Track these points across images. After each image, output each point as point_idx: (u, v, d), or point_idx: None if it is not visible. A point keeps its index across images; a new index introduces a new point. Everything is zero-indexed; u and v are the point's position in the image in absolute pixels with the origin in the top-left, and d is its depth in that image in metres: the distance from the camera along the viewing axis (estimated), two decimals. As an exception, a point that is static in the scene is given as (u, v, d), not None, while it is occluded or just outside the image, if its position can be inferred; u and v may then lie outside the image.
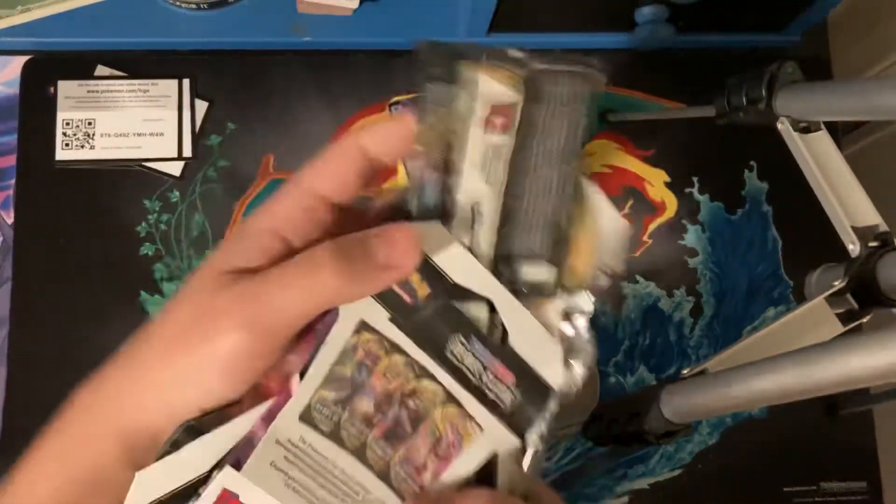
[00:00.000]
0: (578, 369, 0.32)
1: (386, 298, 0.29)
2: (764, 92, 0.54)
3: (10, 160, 0.69)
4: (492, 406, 0.30)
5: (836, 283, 0.48)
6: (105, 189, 0.69)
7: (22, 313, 0.67)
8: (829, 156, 0.52)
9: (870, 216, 0.50)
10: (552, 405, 0.32)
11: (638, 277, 0.72)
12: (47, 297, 0.67)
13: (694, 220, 0.74)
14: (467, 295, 0.30)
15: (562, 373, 0.32)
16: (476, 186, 0.31)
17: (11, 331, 0.66)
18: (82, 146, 0.69)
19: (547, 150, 0.31)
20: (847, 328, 0.48)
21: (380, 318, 0.29)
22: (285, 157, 0.71)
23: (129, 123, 0.69)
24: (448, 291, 0.30)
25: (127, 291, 0.67)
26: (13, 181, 0.69)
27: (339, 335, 0.28)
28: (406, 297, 0.29)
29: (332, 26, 0.71)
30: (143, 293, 0.67)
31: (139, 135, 0.69)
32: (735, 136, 0.72)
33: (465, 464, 0.30)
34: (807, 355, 0.39)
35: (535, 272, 0.32)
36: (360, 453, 0.29)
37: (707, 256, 0.73)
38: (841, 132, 0.77)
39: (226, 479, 0.27)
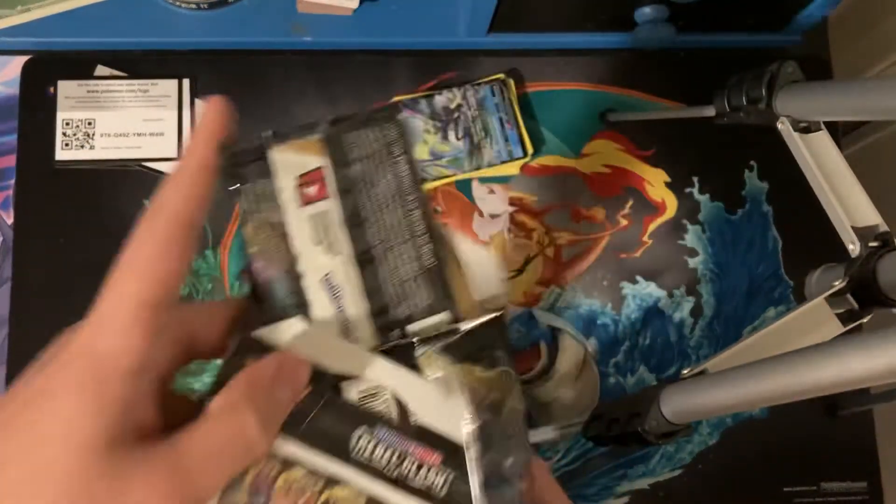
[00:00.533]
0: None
1: None
2: (764, 92, 0.54)
3: (10, 160, 0.69)
4: (423, 495, 0.27)
5: (837, 283, 0.48)
6: (105, 189, 0.69)
7: (22, 313, 0.67)
8: (829, 156, 0.52)
9: (870, 216, 0.50)
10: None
11: (638, 277, 0.72)
12: (47, 298, 0.67)
13: (694, 220, 0.73)
14: (355, 383, 0.28)
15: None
16: (319, 261, 0.29)
17: (11, 331, 0.66)
18: (82, 146, 0.69)
19: (379, 198, 0.30)
20: (847, 328, 0.48)
21: None
22: (285, 157, 0.71)
23: (129, 123, 0.69)
24: (331, 385, 0.27)
25: (127, 291, 0.67)
26: (13, 181, 0.69)
27: None
28: None
29: (332, 26, 0.71)
30: (142, 293, 0.67)
31: (139, 135, 0.69)
32: (735, 136, 0.72)
33: None
34: (807, 355, 0.39)
35: (429, 323, 0.30)
36: None
37: (707, 256, 0.73)
38: (841, 132, 0.77)
39: None
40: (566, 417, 0.66)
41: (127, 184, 0.69)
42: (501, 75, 0.72)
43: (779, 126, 0.54)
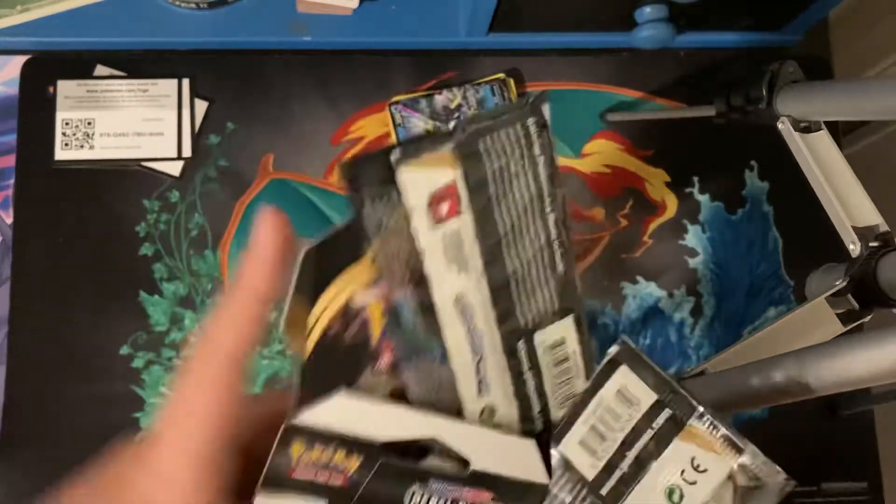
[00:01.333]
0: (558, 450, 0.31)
1: (315, 490, 0.27)
2: (764, 91, 0.54)
3: (10, 160, 0.69)
4: None
5: (837, 283, 0.48)
6: (104, 189, 0.69)
7: (21, 313, 0.66)
8: (829, 155, 0.52)
9: (870, 216, 0.50)
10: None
11: (638, 277, 0.72)
12: (47, 297, 0.67)
13: (694, 220, 0.73)
14: (406, 443, 0.28)
15: (543, 467, 0.30)
16: (451, 283, 0.28)
17: (11, 331, 0.66)
18: (81, 146, 0.68)
19: (517, 206, 0.29)
20: (848, 328, 0.48)
21: None
22: (285, 156, 0.71)
23: (129, 123, 0.69)
24: (380, 452, 0.28)
25: (126, 291, 0.67)
26: (12, 181, 0.69)
27: None
28: (338, 480, 0.27)
29: (332, 26, 0.71)
30: (142, 293, 0.67)
31: (138, 134, 0.69)
32: (735, 136, 0.72)
33: None
34: (807, 355, 0.39)
35: (552, 333, 0.30)
36: None
37: (707, 256, 0.73)
38: (841, 132, 0.77)
39: None
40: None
41: (126, 183, 0.69)
42: (501, 75, 0.72)
43: (779, 126, 0.54)
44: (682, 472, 0.29)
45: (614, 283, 0.72)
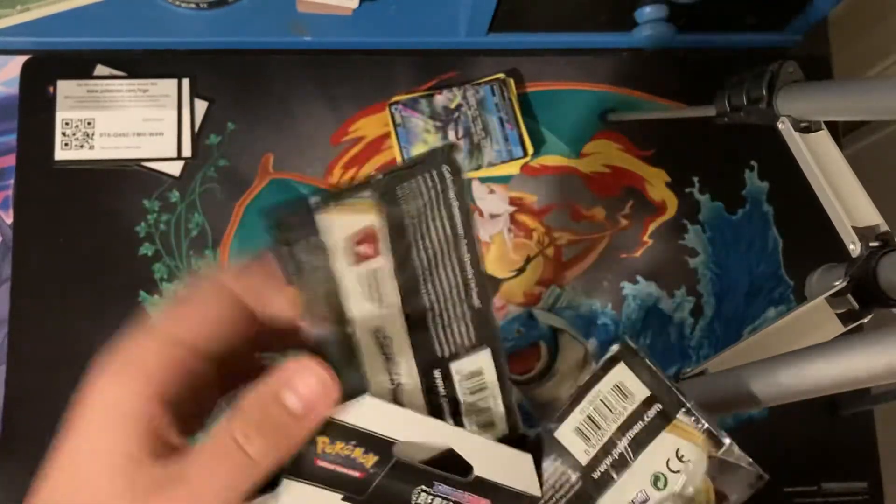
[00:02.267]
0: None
1: (333, 481, 0.29)
2: (765, 91, 0.54)
3: (10, 160, 0.69)
4: None
5: (837, 283, 0.48)
6: (104, 189, 0.69)
7: (21, 313, 0.67)
8: (829, 155, 0.52)
9: (870, 216, 0.50)
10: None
11: (638, 278, 0.72)
12: (47, 297, 0.67)
13: (694, 220, 0.73)
14: (418, 446, 0.30)
15: (537, 481, 0.32)
16: (371, 317, 0.30)
17: (11, 331, 0.66)
18: (81, 146, 0.69)
19: (433, 246, 0.31)
20: (848, 328, 0.48)
21: (332, 501, 0.29)
22: (285, 156, 0.71)
23: (129, 123, 0.69)
24: (394, 452, 0.30)
25: (126, 291, 0.67)
26: (12, 181, 0.69)
27: None
28: (355, 473, 0.30)
29: (332, 26, 0.71)
30: (142, 293, 0.67)
31: (138, 134, 0.69)
32: (735, 136, 0.72)
33: None
34: (807, 355, 0.39)
35: (469, 363, 0.32)
36: None
37: (707, 256, 0.73)
38: (841, 132, 0.77)
39: None
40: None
41: (126, 183, 0.69)
42: (501, 75, 0.72)
43: (779, 126, 0.54)
44: (668, 461, 0.32)
45: (614, 283, 0.72)
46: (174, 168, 0.69)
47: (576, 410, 0.32)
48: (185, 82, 0.71)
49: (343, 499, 0.29)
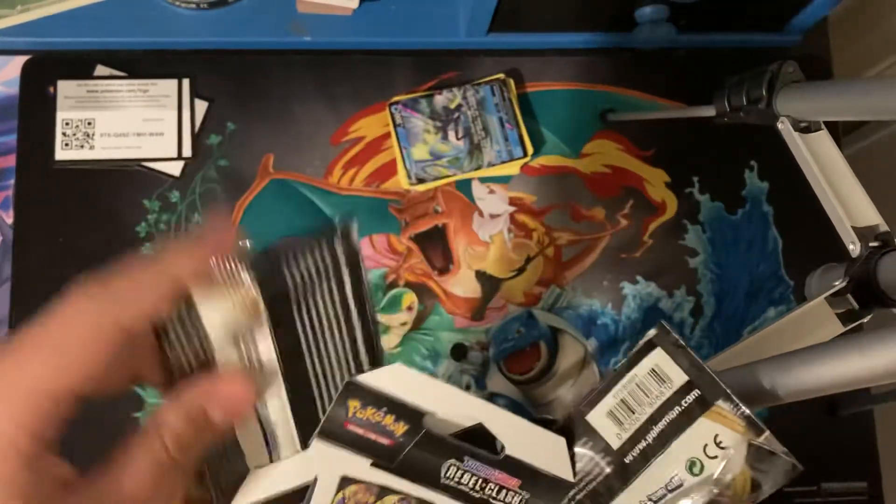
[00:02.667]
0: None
1: (363, 447, 0.29)
2: (764, 92, 0.54)
3: (10, 160, 0.69)
4: None
5: (837, 283, 0.48)
6: (105, 189, 0.69)
7: (21, 313, 0.67)
8: (829, 156, 0.52)
9: (870, 216, 0.50)
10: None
11: (638, 278, 0.72)
12: (47, 297, 0.66)
13: (694, 220, 0.73)
14: (450, 419, 0.31)
15: (570, 466, 0.32)
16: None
17: (11, 331, 0.66)
18: (82, 146, 0.69)
19: (315, 320, 0.32)
20: (847, 328, 0.48)
21: (362, 467, 0.29)
22: (285, 156, 0.71)
23: (129, 123, 0.69)
24: (424, 422, 0.30)
25: (126, 291, 0.67)
26: (13, 181, 0.69)
27: (322, 496, 0.29)
28: (385, 441, 0.30)
29: (332, 26, 0.71)
30: (142, 293, 0.67)
31: (139, 134, 0.69)
32: (735, 136, 0.72)
33: None
34: (807, 355, 0.39)
35: None
36: None
37: (707, 256, 0.73)
38: (841, 132, 0.77)
39: None
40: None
41: (127, 183, 0.69)
42: (501, 75, 0.72)
43: (779, 126, 0.54)
44: (705, 446, 0.32)
45: (614, 283, 0.72)
46: (174, 168, 0.70)
47: (609, 394, 0.32)
48: (186, 82, 0.71)
49: (372, 465, 0.30)
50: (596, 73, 0.75)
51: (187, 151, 0.70)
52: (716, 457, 0.32)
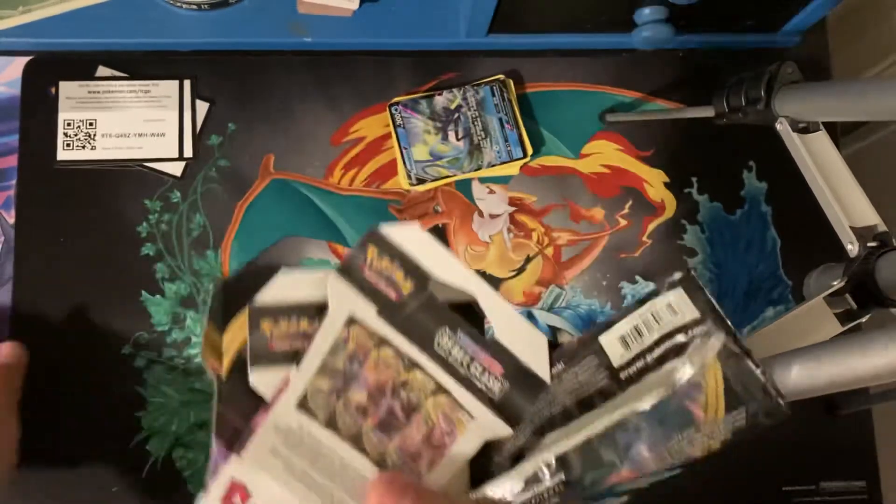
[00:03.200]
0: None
1: (373, 294, 0.31)
2: (763, 92, 0.54)
3: (12, 160, 0.69)
4: (481, 395, 0.31)
5: (835, 283, 0.48)
6: (106, 189, 0.69)
7: (23, 313, 0.67)
8: (827, 156, 0.53)
9: (868, 216, 0.50)
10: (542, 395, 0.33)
11: (637, 277, 0.72)
12: (48, 297, 0.67)
13: (693, 220, 0.74)
14: (452, 290, 0.32)
15: (548, 367, 0.33)
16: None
17: (13, 331, 0.66)
18: (83, 146, 0.69)
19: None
20: (846, 328, 0.49)
21: (368, 312, 0.31)
22: (285, 156, 0.71)
23: (130, 124, 0.70)
24: (429, 285, 0.32)
25: (128, 291, 0.67)
26: (14, 181, 0.69)
27: (330, 328, 0.30)
28: (392, 294, 0.31)
29: (332, 27, 0.72)
30: (144, 293, 0.68)
31: (140, 135, 0.70)
32: (734, 137, 0.72)
33: (460, 451, 0.31)
34: (805, 355, 0.39)
35: None
36: (356, 441, 0.30)
37: (706, 256, 0.73)
38: (840, 132, 0.77)
39: (231, 467, 0.28)
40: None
41: (128, 184, 0.69)
42: (501, 76, 0.72)
43: (778, 126, 0.54)
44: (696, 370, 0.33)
45: (613, 283, 0.72)
46: (176, 168, 0.70)
47: (624, 320, 0.33)
48: (187, 83, 0.71)
49: (377, 313, 0.31)
50: (595, 74, 0.75)
51: (188, 152, 0.70)
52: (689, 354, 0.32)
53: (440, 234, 0.71)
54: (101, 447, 0.65)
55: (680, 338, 0.33)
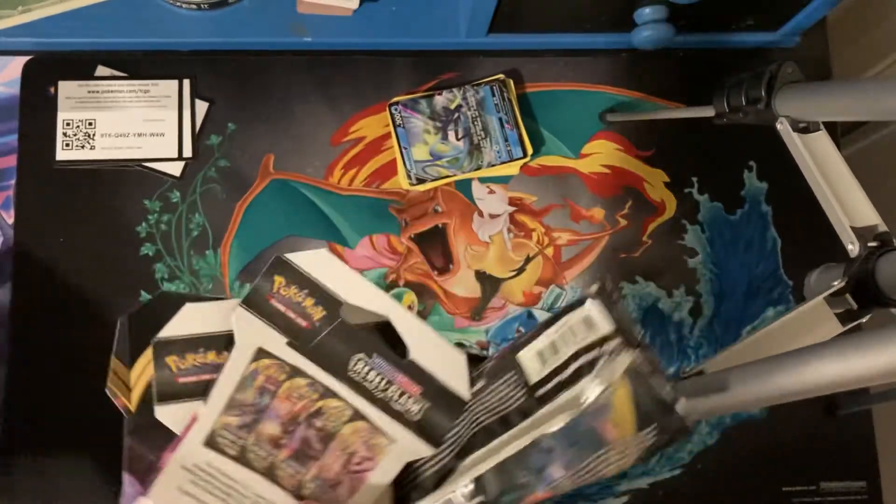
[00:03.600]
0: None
1: (282, 325, 0.30)
2: (763, 92, 0.54)
3: (11, 160, 0.69)
4: (400, 418, 0.31)
5: (836, 283, 0.48)
6: (105, 189, 0.69)
7: (22, 313, 0.67)
8: (828, 156, 0.53)
9: (869, 216, 0.50)
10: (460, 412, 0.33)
11: (637, 277, 0.72)
12: (47, 298, 0.67)
13: (693, 220, 0.74)
14: (366, 312, 0.32)
15: (468, 384, 0.33)
16: None
17: (11, 331, 0.66)
18: (83, 146, 0.69)
19: None
20: (846, 328, 0.49)
21: (278, 343, 0.30)
22: (285, 156, 0.71)
23: (130, 124, 0.69)
24: (340, 311, 0.31)
25: (127, 292, 0.67)
26: (13, 181, 0.69)
27: (237, 364, 0.30)
28: (302, 322, 0.31)
29: (332, 26, 0.71)
30: (143, 293, 0.68)
31: (139, 135, 0.70)
32: (734, 137, 0.72)
33: (381, 475, 0.30)
34: (806, 355, 0.39)
35: None
36: (270, 474, 0.30)
37: (706, 256, 0.73)
38: (840, 132, 0.77)
39: None
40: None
41: (127, 184, 0.69)
42: (501, 76, 0.72)
43: (778, 126, 0.54)
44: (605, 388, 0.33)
45: (613, 283, 0.72)
46: (175, 168, 0.70)
47: (542, 336, 0.33)
48: (186, 83, 0.71)
49: (287, 343, 0.30)
50: (595, 74, 0.75)
51: (188, 152, 0.70)
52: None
53: (440, 234, 0.71)
54: (101, 447, 0.65)
55: (593, 353, 0.33)
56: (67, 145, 0.69)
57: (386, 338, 0.31)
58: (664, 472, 0.69)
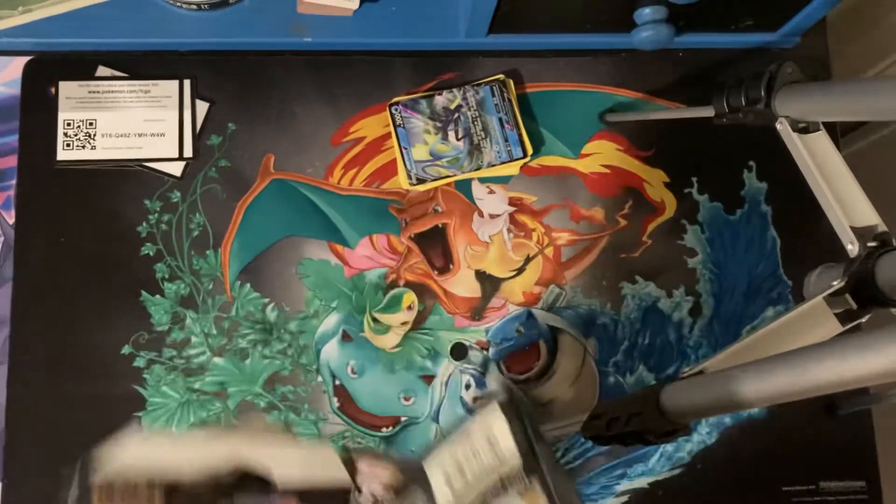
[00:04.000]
0: None
1: None
2: (763, 92, 0.54)
3: (12, 160, 0.69)
4: None
5: (835, 282, 0.48)
6: (106, 189, 0.69)
7: (23, 313, 0.67)
8: (827, 156, 0.52)
9: (868, 216, 0.50)
10: None
11: (637, 277, 0.72)
12: (48, 297, 0.67)
13: (693, 220, 0.74)
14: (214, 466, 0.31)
15: (344, 472, 0.33)
16: None
17: (13, 330, 0.66)
18: (83, 146, 0.69)
19: None
20: (846, 328, 0.49)
21: None
22: (285, 156, 0.71)
23: (130, 124, 0.70)
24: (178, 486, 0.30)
25: (128, 291, 0.67)
26: (14, 181, 0.69)
27: None
28: None
29: (332, 27, 0.71)
30: (143, 293, 0.68)
31: (140, 135, 0.70)
32: (734, 137, 0.72)
33: None
34: (806, 355, 0.39)
35: None
36: None
37: (706, 256, 0.73)
38: (840, 132, 0.77)
39: None
40: (565, 416, 0.67)
41: (128, 184, 0.69)
42: (501, 76, 0.72)
43: (778, 126, 0.54)
44: None
45: (613, 283, 0.72)
46: (175, 168, 0.70)
47: (447, 454, 0.33)
48: (187, 83, 0.71)
49: None
50: (595, 74, 0.75)
51: (188, 152, 0.70)
52: None
53: (440, 233, 0.71)
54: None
55: (495, 479, 0.33)
56: (68, 145, 0.69)
57: (249, 479, 0.30)
58: (664, 472, 0.69)
